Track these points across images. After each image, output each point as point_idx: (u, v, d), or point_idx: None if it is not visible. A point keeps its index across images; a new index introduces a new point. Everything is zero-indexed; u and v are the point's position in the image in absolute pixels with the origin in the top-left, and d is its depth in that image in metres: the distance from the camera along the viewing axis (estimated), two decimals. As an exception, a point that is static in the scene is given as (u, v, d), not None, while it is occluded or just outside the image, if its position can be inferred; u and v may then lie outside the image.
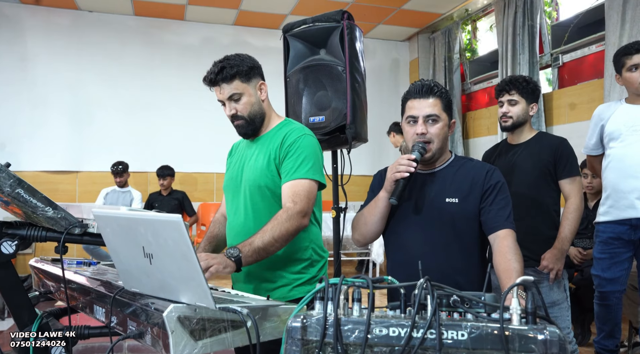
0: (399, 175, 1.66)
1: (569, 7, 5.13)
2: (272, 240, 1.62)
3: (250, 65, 1.82)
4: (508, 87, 2.56)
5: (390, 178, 1.69)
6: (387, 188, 1.72)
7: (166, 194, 5.95)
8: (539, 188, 2.49)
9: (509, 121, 2.56)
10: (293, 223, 1.66)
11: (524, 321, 0.90)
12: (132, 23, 6.57)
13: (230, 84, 1.79)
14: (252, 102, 1.83)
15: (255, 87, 1.85)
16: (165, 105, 6.56)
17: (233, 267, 1.51)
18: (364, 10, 6.28)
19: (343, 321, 0.94)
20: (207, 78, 1.82)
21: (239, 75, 1.79)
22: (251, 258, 1.57)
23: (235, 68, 1.78)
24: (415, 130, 1.73)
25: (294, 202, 1.69)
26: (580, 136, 3.60)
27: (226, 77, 1.78)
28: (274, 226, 1.63)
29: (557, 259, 2.40)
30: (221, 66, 1.78)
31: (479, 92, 6.43)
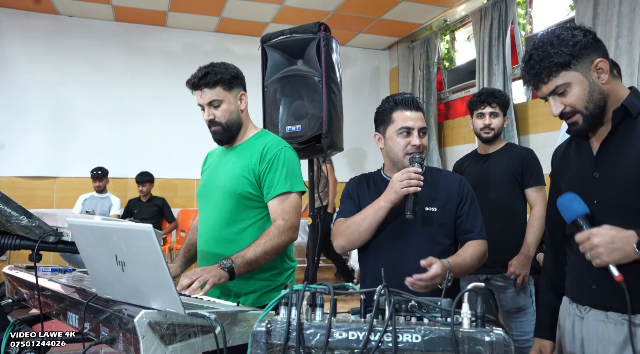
0: (413, 189, 1.67)
1: (542, 21, 5.28)
2: (264, 253, 1.72)
3: (234, 75, 1.89)
4: (490, 100, 2.64)
5: (400, 192, 1.68)
6: (392, 200, 1.71)
7: (145, 200, 5.94)
8: (508, 197, 2.58)
9: (491, 133, 2.64)
10: (284, 239, 1.77)
11: (474, 324, 0.96)
12: (113, 29, 6.56)
13: (212, 90, 1.85)
14: (231, 110, 1.88)
15: (236, 97, 1.90)
16: (146, 111, 6.56)
17: (227, 277, 1.62)
18: (344, 20, 6.37)
19: (305, 326, 0.99)
20: (190, 82, 1.87)
21: (222, 82, 1.85)
22: (243, 268, 1.67)
23: (219, 75, 1.84)
24: (411, 141, 1.78)
25: (285, 220, 1.78)
26: (552, 145, 3.70)
27: (209, 82, 1.84)
28: (266, 241, 1.73)
29: (523, 265, 2.49)
30: (205, 71, 1.84)
31: (457, 100, 6.56)
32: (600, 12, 4.13)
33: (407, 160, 1.78)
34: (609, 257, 1.25)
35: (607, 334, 1.35)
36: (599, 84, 1.33)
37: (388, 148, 1.85)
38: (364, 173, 2.00)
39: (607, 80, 1.34)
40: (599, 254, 1.26)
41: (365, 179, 1.96)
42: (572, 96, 1.34)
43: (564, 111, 1.36)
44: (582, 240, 1.30)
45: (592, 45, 1.34)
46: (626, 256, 1.24)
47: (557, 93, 1.35)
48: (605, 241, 1.25)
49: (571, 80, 1.33)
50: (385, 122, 1.84)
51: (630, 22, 3.86)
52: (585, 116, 1.35)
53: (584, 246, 1.30)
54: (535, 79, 1.37)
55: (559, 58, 1.31)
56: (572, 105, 1.34)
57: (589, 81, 1.33)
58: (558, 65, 1.32)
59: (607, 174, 1.36)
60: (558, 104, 1.36)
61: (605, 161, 1.37)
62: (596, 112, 1.34)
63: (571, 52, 1.31)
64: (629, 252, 1.23)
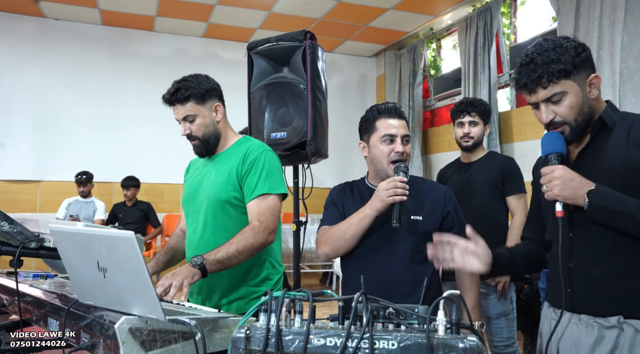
0: (399, 198, 1.69)
1: (526, 31, 5.37)
2: (236, 253, 1.70)
3: (207, 88, 1.88)
4: (469, 109, 2.69)
5: (387, 201, 1.70)
6: (377, 209, 1.72)
7: (131, 205, 5.91)
8: (490, 204, 2.62)
9: (470, 141, 2.69)
10: (258, 239, 1.75)
11: (449, 331, 0.98)
12: (101, 32, 6.54)
13: (184, 105, 1.85)
14: (206, 124, 1.89)
15: (211, 109, 1.90)
16: (132, 116, 6.54)
17: (200, 274, 1.60)
18: (332, 27, 6.42)
19: (284, 332, 1.01)
20: (164, 98, 1.88)
21: (193, 97, 1.85)
22: (214, 266, 1.65)
23: (189, 90, 1.84)
24: (395, 148, 1.80)
25: (260, 221, 1.78)
26: (535, 153, 3.77)
27: (180, 98, 1.84)
28: (239, 240, 1.72)
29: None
30: (177, 87, 1.85)
31: (443, 108, 6.63)
32: (581, 24, 4.21)
33: (390, 168, 1.80)
34: (561, 191, 1.31)
35: (580, 336, 1.39)
36: (589, 98, 1.38)
37: (372, 156, 1.87)
38: (348, 181, 2.01)
39: (596, 96, 1.39)
40: (554, 186, 1.32)
41: (349, 187, 1.97)
42: (565, 106, 1.36)
43: (554, 120, 1.38)
44: (546, 172, 1.35)
45: (589, 59, 1.39)
46: (575, 197, 1.31)
47: (551, 101, 1.38)
48: (564, 178, 1.31)
49: (568, 90, 1.35)
50: (369, 130, 1.87)
51: (611, 35, 3.95)
52: (572, 128, 1.38)
53: (546, 177, 1.35)
54: (535, 83, 1.37)
55: (563, 65, 1.33)
56: (563, 116, 1.37)
57: (583, 94, 1.36)
58: (561, 72, 1.34)
59: None
60: (550, 112, 1.38)
61: (581, 170, 1.40)
62: (583, 125, 1.38)
63: (573, 61, 1.34)
64: (578, 195, 1.30)
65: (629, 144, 1.34)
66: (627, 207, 1.26)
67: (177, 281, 1.48)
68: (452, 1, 5.70)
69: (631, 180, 1.31)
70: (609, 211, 1.28)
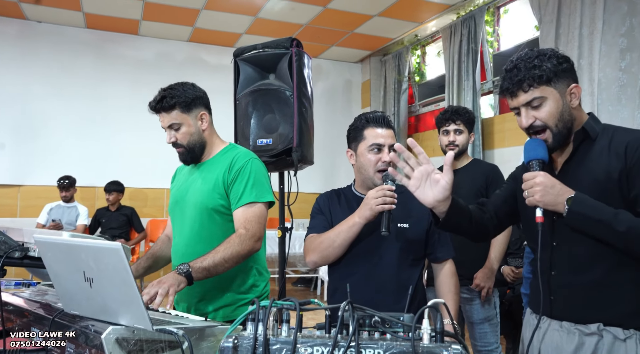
0: (388, 207, 1.70)
1: (509, 39, 5.46)
2: (223, 260, 1.70)
3: (193, 96, 1.88)
4: (454, 117, 2.72)
5: (376, 209, 1.71)
6: (366, 217, 1.73)
7: (114, 210, 5.85)
8: None
9: (455, 149, 2.72)
10: (245, 247, 1.75)
11: (434, 340, 1.00)
12: (84, 36, 6.48)
13: (169, 114, 1.86)
14: (191, 132, 1.89)
15: (196, 118, 1.90)
16: (116, 119, 6.49)
17: (186, 282, 1.60)
18: (317, 32, 6.45)
19: (272, 341, 1.02)
20: (149, 106, 1.89)
21: (179, 105, 1.85)
22: (201, 274, 1.65)
23: (175, 98, 1.84)
24: (382, 157, 1.82)
25: (246, 228, 1.78)
26: (517, 159, 3.83)
27: (165, 106, 1.85)
28: (225, 248, 1.72)
29: (487, 278, 2.57)
30: (162, 95, 1.85)
31: (427, 114, 6.69)
32: (562, 34, 4.30)
33: (377, 176, 1.82)
34: (542, 197, 1.35)
35: (561, 342, 1.43)
36: (570, 107, 1.42)
37: (359, 165, 1.89)
38: (334, 189, 2.02)
39: (576, 106, 1.43)
40: (535, 192, 1.36)
41: (336, 194, 1.98)
42: (545, 111, 1.40)
43: (534, 124, 1.42)
44: (528, 177, 1.39)
45: (571, 70, 1.43)
46: (555, 204, 1.34)
47: (531, 106, 1.41)
48: (545, 184, 1.35)
49: (548, 96, 1.39)
50: (357, 138, 1.88)
51: (590, 44, 4.04)
52: (554, 134, 1.41)
53: (527, 183, 1.38)
54: (516, 87, 1.41)
55: (544, 71, 1.38)
56: (543, 120, 1.40)
57: (563, 102, 1.40)
58: (542, 78, 1.38)
59: None
60: (530, 116, 1.42)
61: (566, 180, 1.44)
62: (564, 132, 1.42)
63: (555, 70, 1.39)
64: (558, 202, 1.34)
65: (610, 155, 1.38)
66: (604, 215, 1.30)
67: (163, 289, 1.48)
68: (436, 9, 5.77)
69: (613, 190, 1.35)
70: (587, 219, 1.32)
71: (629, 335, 1.34)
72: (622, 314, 1.35)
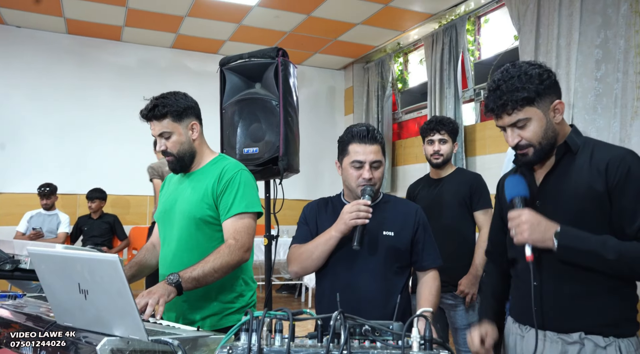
0: (361, 221, 1.74)
1: (489, 48, 5.57)
2: (212, 271, 1.73)
3: (185, 106, 1.91)
4: (439, 127, 2.78)
5: (350, 224, 1.75)
6: (342, 231, 1.78)
7: (96, 217, 5.79)
8: (458, 220, 2.72)
9: (440, 158, 2.78)
10: (234, 258, 1.78)
11: (423, 348, 1.04)
12: (65, 41, 6.43)
13: (160, 122, 1.88)
14: (181, 141, 1.91)
15: (187, 127, 1.93)
16: (98, 126, 6.43)
17: (175, 292, 1.62)
18: (301, 40, 6.49)
19: (265, 351, 1.04)
20: (141, 114, 1.91)
21: (170, 114, 1.88)
22: (190, 284, 1.67)
23: (167, 107, 1.86)
24: (362, 174, 1.83)
25: (236, 239, 1.80)
26: (498, 166, 3.92)
27: (157, 115, 1.87)
28: (215, 258, 1.74)
29: (472, 284, 2.62)
30: (154, 104, 1.87)
31: (410, 121, 6.77)
32: (541, 44, 4.41)
33: (359, 190, 1.85)
34: (530, 236, 1.38)
35: (544, 351, 1.46)
36: (553, 123, 1.45)
37: (344, 177, 1.92)
38: (323, 197, 2.06)
39: (560, 121, 1.47)
40: (523, 230, 1.39)
41: (324, 203, 2.01)
42: (530, 131, 1.44)
43: (519, 143, 1.46)
44: (514, 216, 1.43)
45: (554, 86, 1.46)
46: (544, 240, 1.38)
47: (516, 126, 1.45)
48: (532, 222, 1.39)
49: (532, 116, 1.42)
50: (343, 152, 1.91)
51: (567, 54, 4.15)
52: (537, 150, 1.45)
53: (514, 221, 1.42)
54: (500, 110, 1.45)
55: (526, 93, 1.40)
56: (528, 140, 1.44)
57: (547, 119, 1.44)
58: (525, 100, 1.41)
59: (547, 204, 1.49)
60: (515, 136, 1.46)
61: (546, 192, 1.49)
62: (547, 148, 1.46)
63: (537, 89, 1.41)
64: (547, 238, 1.38)
65: (591, 171, 1.42)
66: (593, 245, 1.35)
67: (153, 300, 1.50)
68: (418, 18, 5.86)
69: (593, 206, 1.40)
70: (576, 251, 1.37)
71: (609, 343, 1.39)
72: (602, 323, 1.40)
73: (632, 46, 3.74)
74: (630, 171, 1.38)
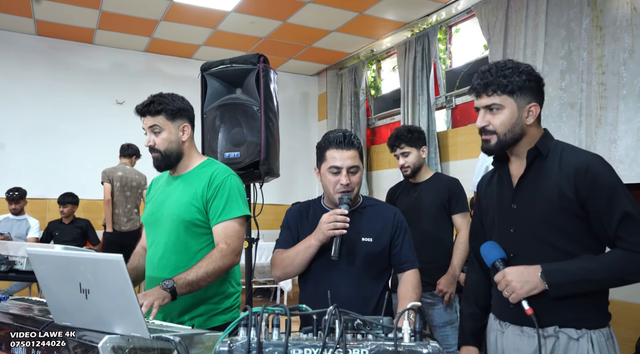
0: (338, 232, 1.79)
1: (460, 56, 5.74)
2: (205, 275, 1.78)
3: (180, 107, 1.97)
4: (397, 142, 2.86)
5: (328, 234, 1.80)
6: (320, 239, 1.83)
7: (68, 222, 5.69)
8: (436, 223, 2.82)
9: (408, 170, 2.88)
10: (226, 262, 1.84)
11: (413, 339, 1.11)
12: (35, 43, 6.31)
13: (154, 117, 1.93)
14: (170, 140, 1.95)
15: (178, 128, 1.97)
16: (69, 130, 6.33)
17: (169, 297, 1.67)
18: (276, 46, 6.55)
19: (264, 344, 1.09)
20: (136, 108, 1.96)
21: (165, 112, 1.93)
22: (184, 289, 1.72)
23: (162, 105, 1.93)
24: (340, 180, 1.87)
25: (227, 244, 1.85)
26: (471, 171, 4.05)
27: (151, 110, 1.92)
28: (208, 264, 1.79)
29: (450, 284, 2.74)
30: (151, 100, 1.93)
31: (383, 127, 6.90)
32: (509, 54, 4.59)
33: (337, 196, 1.89)
34: (522, 289, 1.45)
35: (522, 346, 1.54)
36: (524, 122, 1.52)
37: (323, 183, 1.97)
38: (304, 202, 2.10)
39: (532, 123, 1.54)
40: (514, 289, 1.47)
41: (306, 208, 2.05)
42: (498, 119, 1.51)
43: (486, 127, 1.54)
44: (498, 279, 1.51)
45: (537, 90, 1.54)
46: (535, 286, 1.45)
47: (489, 110, 1.53)
48: (516, 277, 1.46)
49: (506, 106, 1.50)
50: (321, 159, 1.95)
51: (533, 64, 4.21)
52: (499, 140, 1.53)
53: (501, 285, 1.50)
54: (482, 88, 1.52)
55: (509, 82, 1.48)
56: (494, 127, 1.52)
57: (519, 115, 1.51)
58: (506, 87, 1.49)
59: (522, 207, 1.57)
60: (485, 119, 1.54)
61: (521, 195, 1.57)
62: (509, 142, 1.53)
63: (521, 84, 1.49)
64: (536, 282, 1.45)
65: (560, 174, 1.50)
66: (579, 273, 1.43)
67: (148, 302, 1.53)
68: (392, 26, 5.99)
69: (565, 208, 1.47)
70: (567, 286, 1.43)
71: (581, 334, 1.46)
72: (575, 317, 1.48)
73: (594, 58, 3.93)
74: (596, 179, 1.44)
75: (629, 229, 1.42)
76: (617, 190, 1.44)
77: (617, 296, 1.53)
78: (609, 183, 1.45)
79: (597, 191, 1.44)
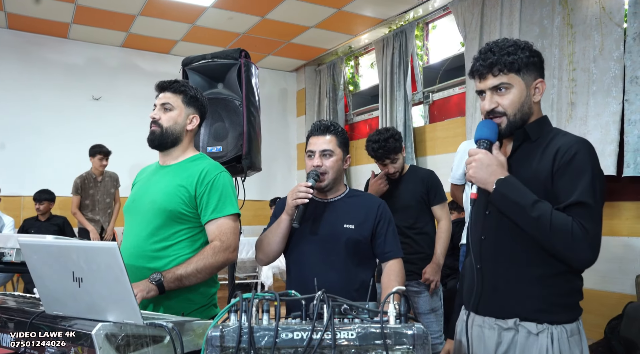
0: (300, 201, 1.90)
1: (437, 53, 5.84)
2: (195, 271, 1.78)
3: (199, 98, 2.03)
4: (387, 154, 2.91)
5: (291, 204, 1.92)
6: (288, 212, 1.95)
7: (44, 219, 5.60)
8: (418, 214, 2.91)
9: (396, 175, 2.98)
10: (218, 259, 1.83)
11: (398, 322, 1.16)
12: (6, 37, 6.17)
13: (172, 95, 1.98)
14: (176, 121, 1.97)
15: (188, 116, 2.00)
16: (44, 126, 6.22)
17: (156, 291, 1.66)
18: (254, 41, 6.54)
19: (255, 329, 1.13)
20: (159, 84, 2.01)
21: (185, 94, 1.99)
22: (172, 284, 1.72)
23: (185, 88, 1.99)
24: (313, 162, 2.00)
25: (221, 241, 1.85)
26: (448, 166, 4.14)
27: (174, 87, 1.98)
28: (198, 260, 1.79)
29: (435, 272, 2.85)
30: (176, 80, 2.01)
31: (361, 122, 6.96)
32: (485, 50, 4.69)
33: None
34: (475, 172, 1.44)
35: (484, 337, 1.53)
36: (532, 100, 1.47)
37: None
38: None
39: (538, 100, 1.49)
40: (471, 167, 1.45)
41: None
42: (508, 99, 1.45)
43: (495, 109, 1.47)
44: (472, 153, 1.47)
45: (541, 66, 1.49)
46: (486, 182, 1.43)
47: (497, 91, 1.46)
48: (482, 162, 1.43)
49: (515, 84, 1.44)
50: (306, 147, 2.09)
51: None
52: (510, 122, 1.47)
53: (469, 158, 1.47)
54: (487, 69, 1.45)
55: (515, 59, 1.43)
56: (504, 108, 1.46)
57: (527, 93, 1.46)
58: (513, 65, 1.43)
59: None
60: (493, 101, 1.47)
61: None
62: (519, 123, 1.47)
63: (526, 61, 1.44)
64: (489, 181, 1.42)
65: (544, 158, 1.45)
66: (523, 200, 1.36)
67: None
68: (369, 23, 6.05)
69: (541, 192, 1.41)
70: (507, 200, 1.39)
71: (542, 329, 1.42)
72: (535, 309, 1.43)
73: (565, 55, 4.06)
74: (575, 157, 1.39)
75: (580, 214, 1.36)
76: (588, 176, 1.37)
77: (586, 284, 1.55)
78: (583, 166, 1.39)
79: (568, 167, 1.39)
